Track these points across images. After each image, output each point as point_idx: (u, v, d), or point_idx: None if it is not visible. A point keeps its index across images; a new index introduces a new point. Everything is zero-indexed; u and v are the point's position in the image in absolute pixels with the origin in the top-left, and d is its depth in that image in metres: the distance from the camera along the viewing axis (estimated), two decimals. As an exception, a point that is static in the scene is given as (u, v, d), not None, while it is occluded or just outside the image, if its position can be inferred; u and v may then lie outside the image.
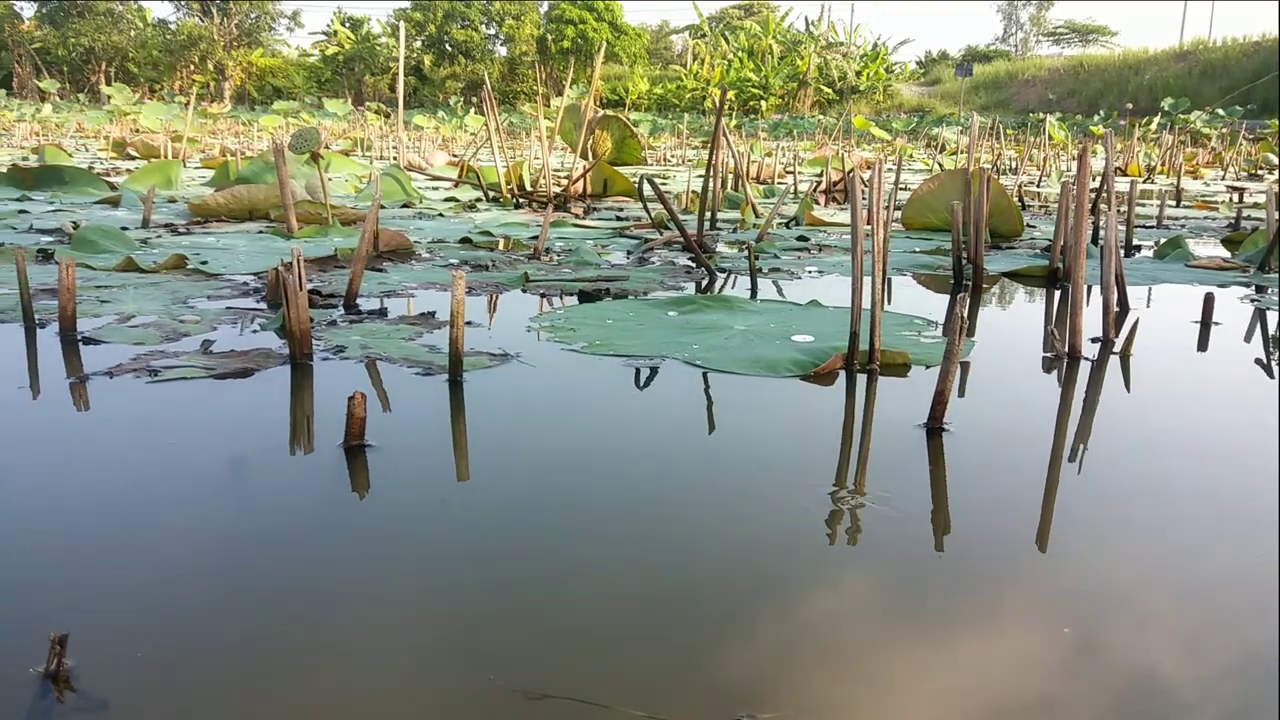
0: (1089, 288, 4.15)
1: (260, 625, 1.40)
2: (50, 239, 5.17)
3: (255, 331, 3.09)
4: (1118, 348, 3.11)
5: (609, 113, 11.94)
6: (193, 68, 50.79)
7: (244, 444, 2.14)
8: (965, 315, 2.23)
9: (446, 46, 51.96)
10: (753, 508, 1.85)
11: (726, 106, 10.01)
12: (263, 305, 3.50)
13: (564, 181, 8.29)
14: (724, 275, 4.62)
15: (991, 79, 44.65)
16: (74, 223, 5.63)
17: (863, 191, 2.86)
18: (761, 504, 1.87)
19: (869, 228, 2.71)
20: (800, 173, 11.48)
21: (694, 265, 4.83)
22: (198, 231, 5.61)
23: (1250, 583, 1.57)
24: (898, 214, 6.53)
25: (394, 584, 1.53)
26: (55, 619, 1.35)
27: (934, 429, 2.24)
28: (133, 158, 14.28)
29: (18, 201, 7.18)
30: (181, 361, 2.67)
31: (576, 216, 7.15)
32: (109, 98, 37.66)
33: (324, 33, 54.17)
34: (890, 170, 12.37)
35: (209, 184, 8.39)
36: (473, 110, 36.39)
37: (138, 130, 21.93)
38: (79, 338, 2.94)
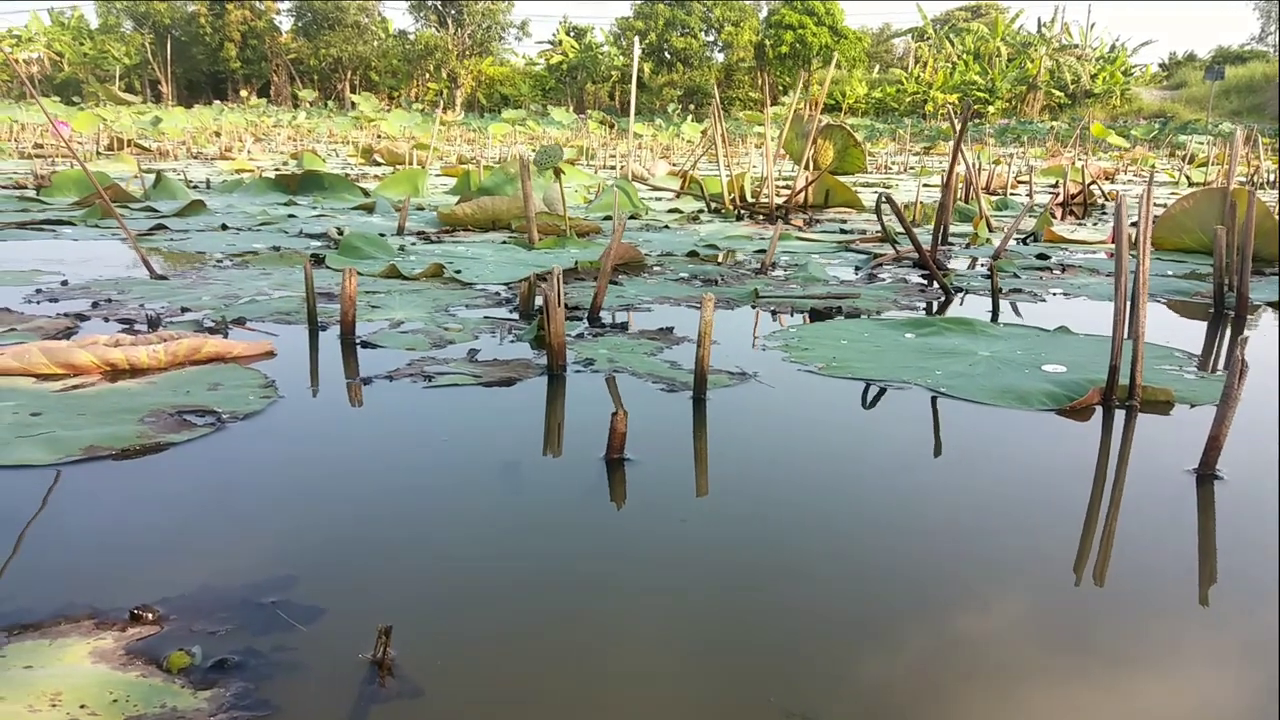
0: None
1: (546, 628, 1.51)
2: (318, 243, 5.65)
3: (512, 342, 3.29)
4: None
5: (832, 121, 11.83)
6: (428, 76, 53.87)
7: (517, 450, 2.30)
8: (1243, 354, 2.11)
9: (666, 54, 52.83)
10: (1004, 546, 1.83)
11: (951, 111, 9.72)
12: (515, 315, 3.71)
13: (785, 192, 8.29)
14: (959, 294, 4.52)
15: (1245, 82, 41.18)
16: (338, 229, 6.14)
17: (1129, 215, 2.74)
18: (1015, 543, 1.85)
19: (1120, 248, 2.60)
20: (1034, 183, 10.98)
21: (927, 283, 4.74)
22: (447, 240, 5.99)
23: None
24: (1145, 233, 6.17)
25: (665, 596, 1.62)
26: (347, 606, 1.52)
27: (1205, 475, 2.13)
28: (378, 164, 15.34)
29: (285, 206, 7.90)
30: (451, 368, 2.89)
31: (799, 228, 7.14)
32: (354, 104, 40.48)
33: (549, 42, 56.27)
34: (1142, 186, 11.67)
35: (451, 192, 8.92)
36: (689, 118, 36.83)
37: (380, 136, 23.51)
38: (357, 341, 3.22)
